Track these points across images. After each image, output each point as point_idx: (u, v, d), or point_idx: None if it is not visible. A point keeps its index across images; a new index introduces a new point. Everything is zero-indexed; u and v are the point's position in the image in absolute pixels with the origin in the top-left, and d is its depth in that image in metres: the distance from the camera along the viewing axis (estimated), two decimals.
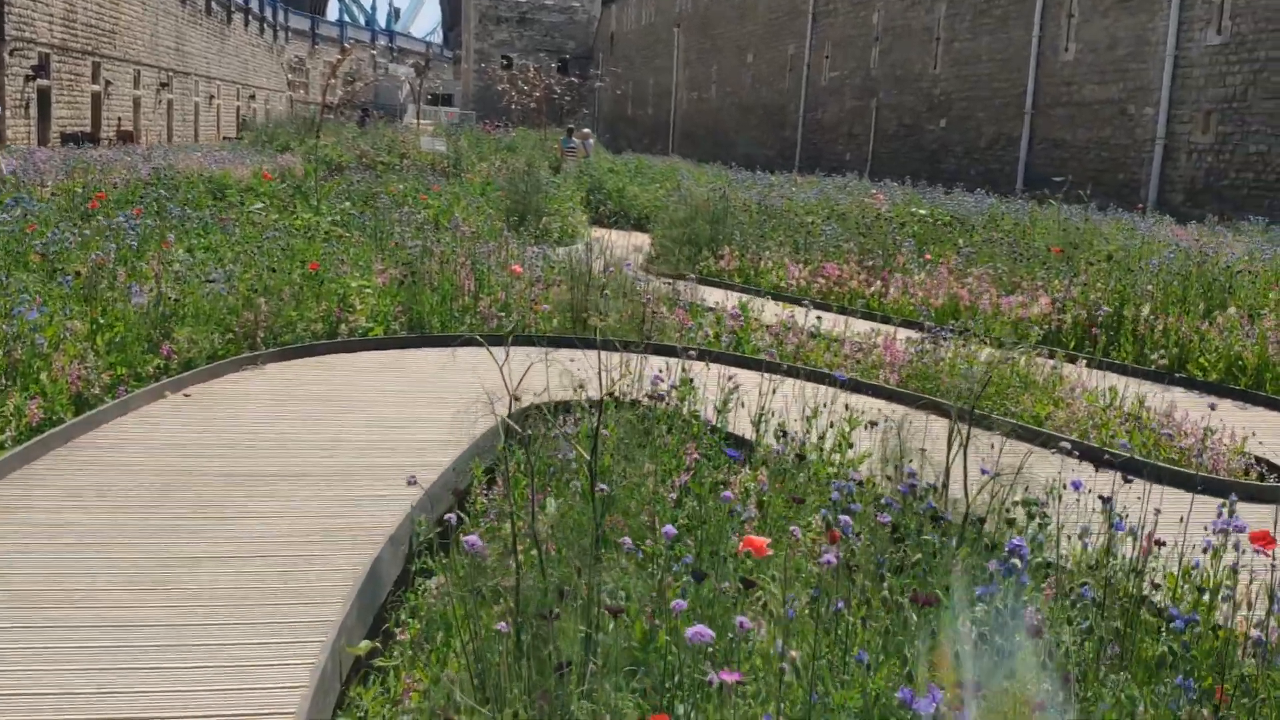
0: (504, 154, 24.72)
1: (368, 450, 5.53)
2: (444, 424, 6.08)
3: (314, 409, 6.22)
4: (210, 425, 5.74)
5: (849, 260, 11.63)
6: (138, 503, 4.67)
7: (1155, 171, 25.97)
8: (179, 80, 54.40)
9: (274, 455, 5.35)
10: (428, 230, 10.89)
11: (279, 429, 5.80)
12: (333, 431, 5.82)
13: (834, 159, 43.89)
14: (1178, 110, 25.41)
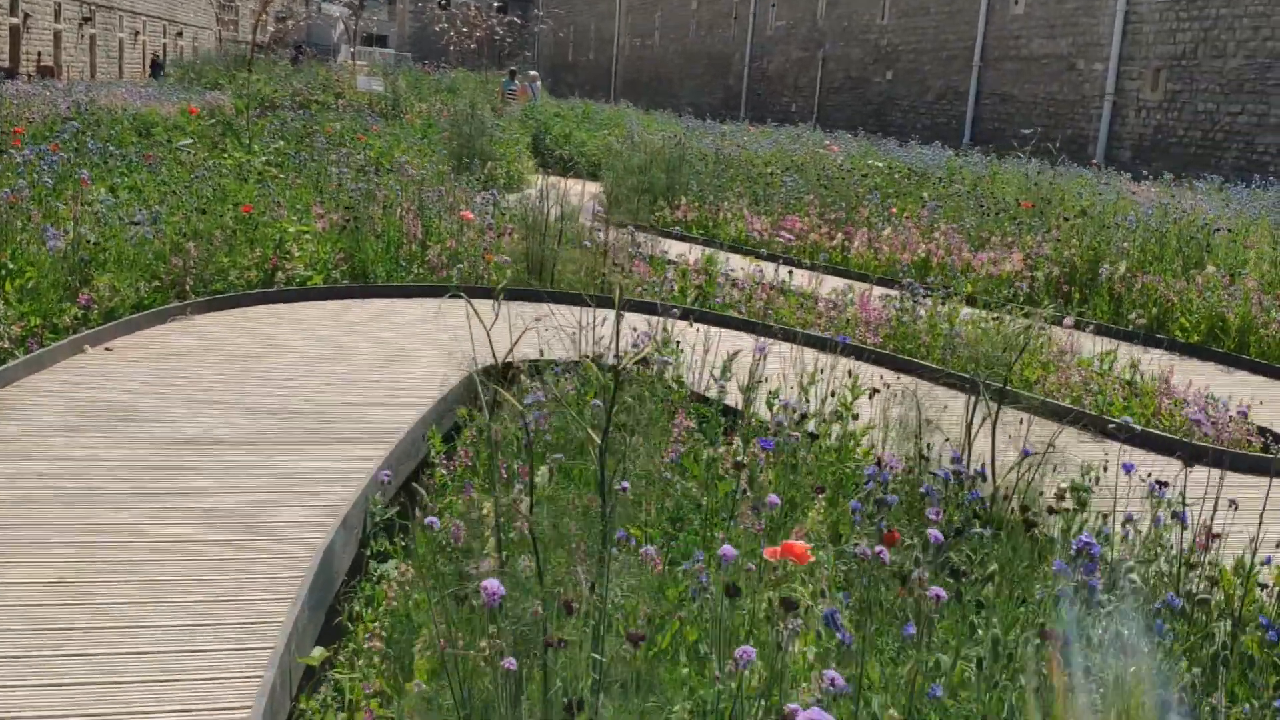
0: (444, 95, 23.86)
1: (315, 413, 5.00)
2: (399, 384, 5.56)
3: (252, 366, 5.65)
4: (135, 384, 5.15)
5: (810, 213, 11.21)
6: (51, 476, 4.09)
7: (1104, 128, 25.87)
8: (103, 15, 52.15)
9: (209, 420, 4.79)
10: (369, 173, 10.25)
11: (215, 389, 5.23)
12: (275, 392, 5.26)
13: (780, 110, 43.38)
14: (1127, 66, 25.29)
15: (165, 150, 10.47)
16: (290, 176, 10.09)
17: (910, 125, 33.92)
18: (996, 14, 29.90)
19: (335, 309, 6.95)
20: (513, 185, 16.14)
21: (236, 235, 6.86)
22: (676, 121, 24.53)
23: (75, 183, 7.34)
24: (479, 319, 2.85)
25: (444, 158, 15.27)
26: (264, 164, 9.75)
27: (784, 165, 13.63)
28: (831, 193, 11.54)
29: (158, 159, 8.76)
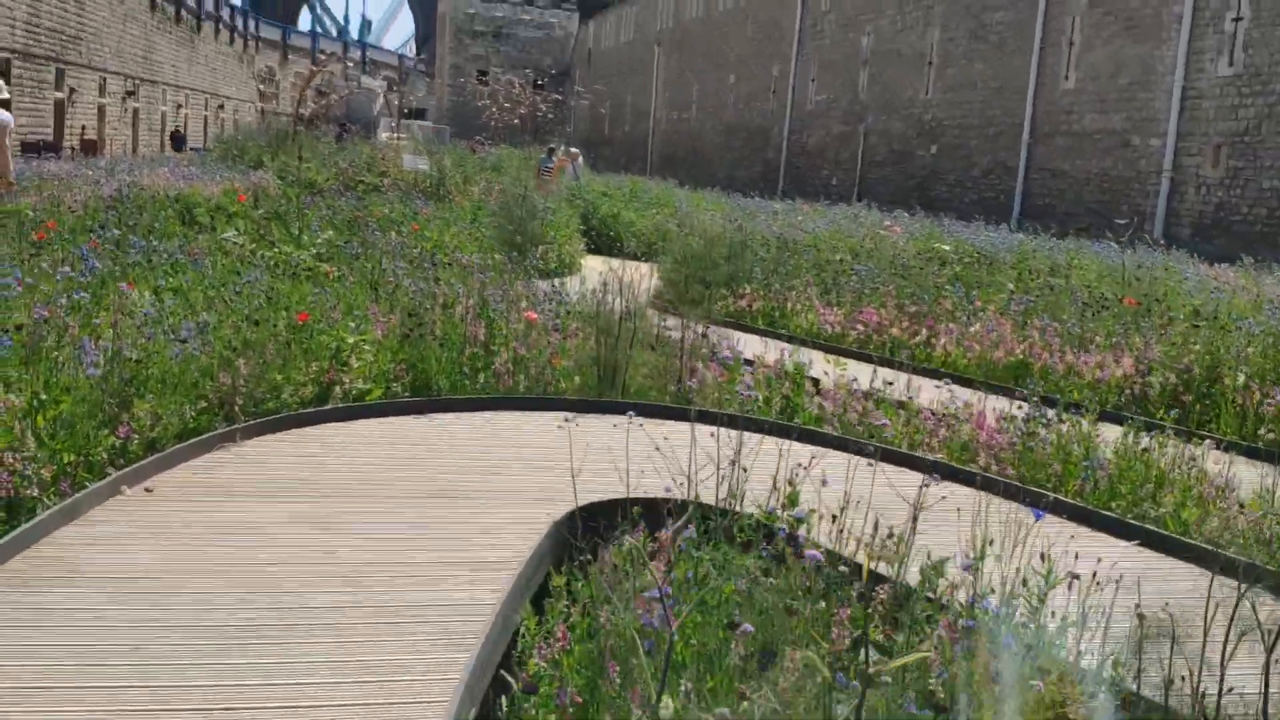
0: (489, 174, 23.55)
1: (382, 578, 4.30)
2: (476, 531, 4.88)
3: (307, 508, 5.00)
4: (178, 541, 4.49)
5: (887, 304, 10.55)
6: (87, 677, 3.41)
7: (1161, 204, 25.19)
8: (146, 88, 52.87)
9: (258, 590, 4.09)
10: (424, 265, 9.71)
11: (264, 543, 4.57)
12: (333, 545, 4.60)
13: (819, 183, 43.02)
14: (1185, 142, 24.66)
15: (210, 240, 9.98)
16: (342, 271, 9.56)
17: (956, 200, 33.38)
18: (1046, 89, 29.44)
19: (397, 428, 6.32)
20: (564, 270, 15.62)
21: (291, 347, 6.27)
22: (724, 200, 24.06)
23: (115, 285, 6.80)
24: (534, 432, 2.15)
25: (494, 243, 14.78)
26: (313, 257, 9.23)
27: (852, 251, 13.01)
28: (909, 283, 10.89)
29: (203, 253, 8.24)
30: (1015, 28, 30.94)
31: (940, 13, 35.03)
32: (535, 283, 10.82)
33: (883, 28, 38.93)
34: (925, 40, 35.88)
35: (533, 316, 7.92)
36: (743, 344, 9.75)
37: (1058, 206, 28.82)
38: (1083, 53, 28.01)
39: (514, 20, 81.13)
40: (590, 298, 9.78)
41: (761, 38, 50.40)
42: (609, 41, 76.42)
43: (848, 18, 41.75)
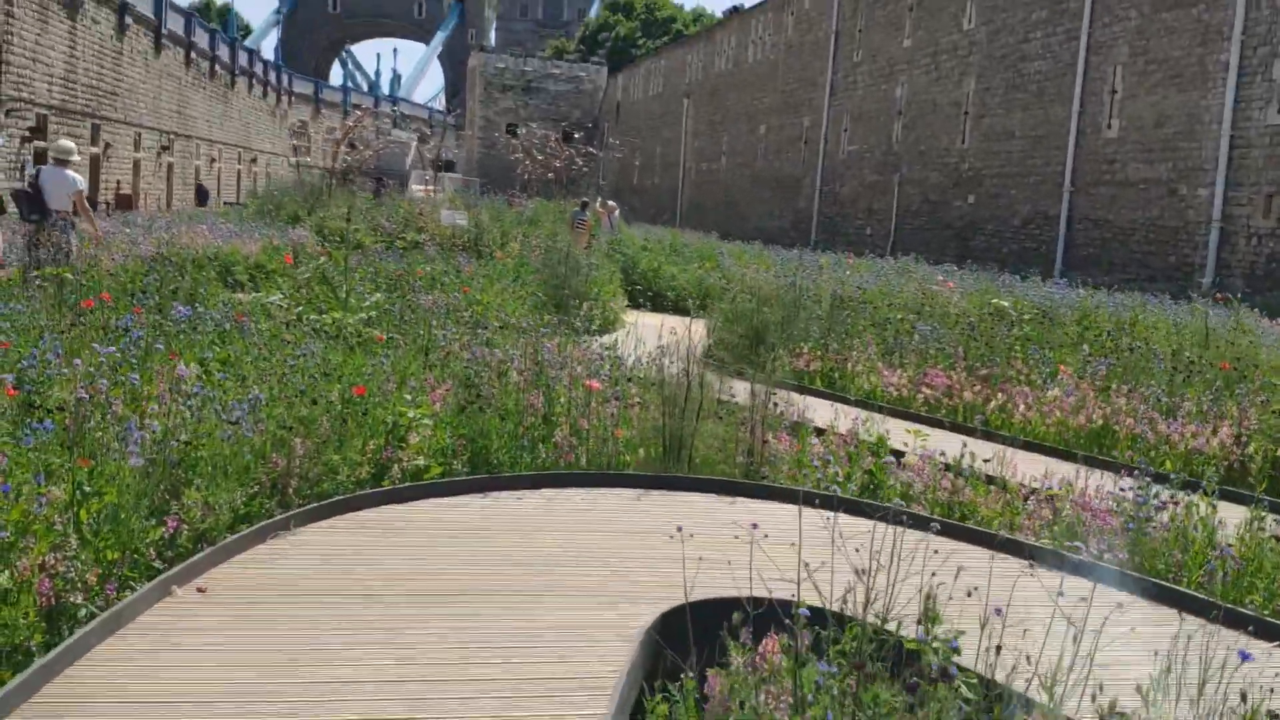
0: (525, 227, 23.32)
1: (452, 704, 3.85)
2: (561, 637, 4.43)
3: (367, 612, 4.57)
4: (235, 653, 4.07)
5: (956, 366, 10.09)
6: None
7: (1211, 255, 24.65)
8: (180, 143, 53.37)
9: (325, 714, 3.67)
10: (475, 327, 9.34)
11: (323, 658, 4.13)
12: (397, 654, 4.16)
13: (852, 233, 42.70)
14: (1235, 192, 24.16)
15: (254, 302, 9.66)
16: (390, 332, 9.21)
17: (996, 250, 32.93)
18: (1088, 138, 29.04)
19: (458, 510, 5.89)
20: (609, 326, 15.26)
21: (348, 423, 5.87)
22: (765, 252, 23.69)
23: (164, 356, 6.45)
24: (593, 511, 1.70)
25: (538, 300, 14.45)
26: (362, 322, 8.89)
27: (913, 309, 12.56)
28: (979, 342, 10.42)
29: (249, 321, 7.90)
30: (1054, 77, 30.64)
31: (976, 63, 34.81)
32: (586, 342, 10.44)
33: (917, 78, 38.76)
34: (961, 90, 35.64)
35: (594, 385, 7.51)
36: (806, 408, 9.27)
37: (1102, 257, 28.32)
38: (1125, 101, 27.63)
39: (543, 74, 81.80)
40: (648, 362, 9.38)
41: (792, 89, 50.39)
42: (638, 94, 76.82)
43: (881, 69, 41.63)
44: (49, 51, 35.14)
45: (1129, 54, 27.58)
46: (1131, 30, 27.42)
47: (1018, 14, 32.62)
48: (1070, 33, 29.84)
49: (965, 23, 35.64)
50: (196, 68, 55.87)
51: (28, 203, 11.99)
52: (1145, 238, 26.86)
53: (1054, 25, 30.83)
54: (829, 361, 11.06)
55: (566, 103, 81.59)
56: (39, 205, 11.96)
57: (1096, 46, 28.78)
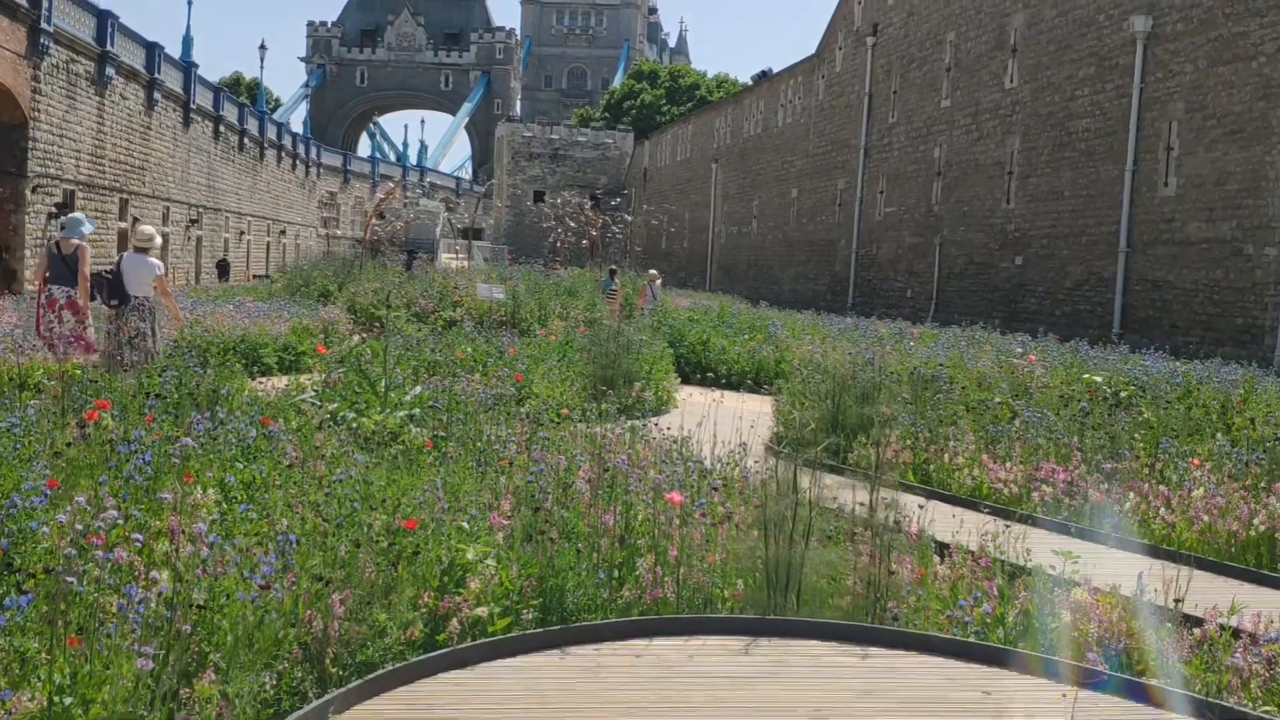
0: (564, 298, 22.38)
1: None
2: None
3: None
4: None
5: (1073, 458, 8.93)
6: None
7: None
8: (209, 216, 53.18)
9: None
10: (534, 429, 8.27)
11: None
12: None
13: (892, 296, 41.63)
14: None
15: (284, 399, 8.65)
16: (436, 430, 8.16)
17: (1047, 314, 31.74)
18: (1143, 196, 27.95)
19: (530, 677, 4.77)
20: (662, 407, 14.18)
21: (397, 567, 4.77)
22: (817, 321, 22.59)
23: (178, 476, 5.41)
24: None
25: (585, 380, 13.40)
26: (403, 421, 7.85)
27: (1012, 390, 11.41)
28: (1099, 432, 9.25)
29: (278, 428, 6.84)
30: (1104, 135, 29.64)
31: (1020, 122, 33.91)
32: (644, 429, 9.35)
33: (956, 139, 37.89)
34: (1004, 149, 34.70)
35: (676, 499, 6.39)
36: (911, 511, 8.09)
37: (1163, 319, 27.07)
38: (1183, 158, 26.56)
39: (570, 142, 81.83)
40: (725, 457, 8.29)
41: (825, 151, 49.70)
42: (665, 159, 76.55)
43: (918, 130, 40.83)
44: (76, 127, 34.85)
45: (1185, 110, 26.57)
46: (1187, 85, 26.43)
47: (1063, 71, 31.75)
48: (1120, 89, 28.89)
49: (1007, 81, 34.81)
50: (225, 141, 55.91)
51: (108, 289, 12.13)
52: (1209, 299, 25.61)
53: (1102, 82, 29.91)
54: (921, 452, 9.91)
55: (593, 169, 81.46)
56: (119, 291, 12.09)
57: (1149, 103, 27.80)
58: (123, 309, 12.16)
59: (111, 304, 12.22)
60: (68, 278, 12.01)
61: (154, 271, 12.43)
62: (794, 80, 54.39)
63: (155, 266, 12.51)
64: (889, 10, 43.92)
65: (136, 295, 12.22)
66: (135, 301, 12.21)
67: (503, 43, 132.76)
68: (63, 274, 12.04)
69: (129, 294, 12.17)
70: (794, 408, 11.49)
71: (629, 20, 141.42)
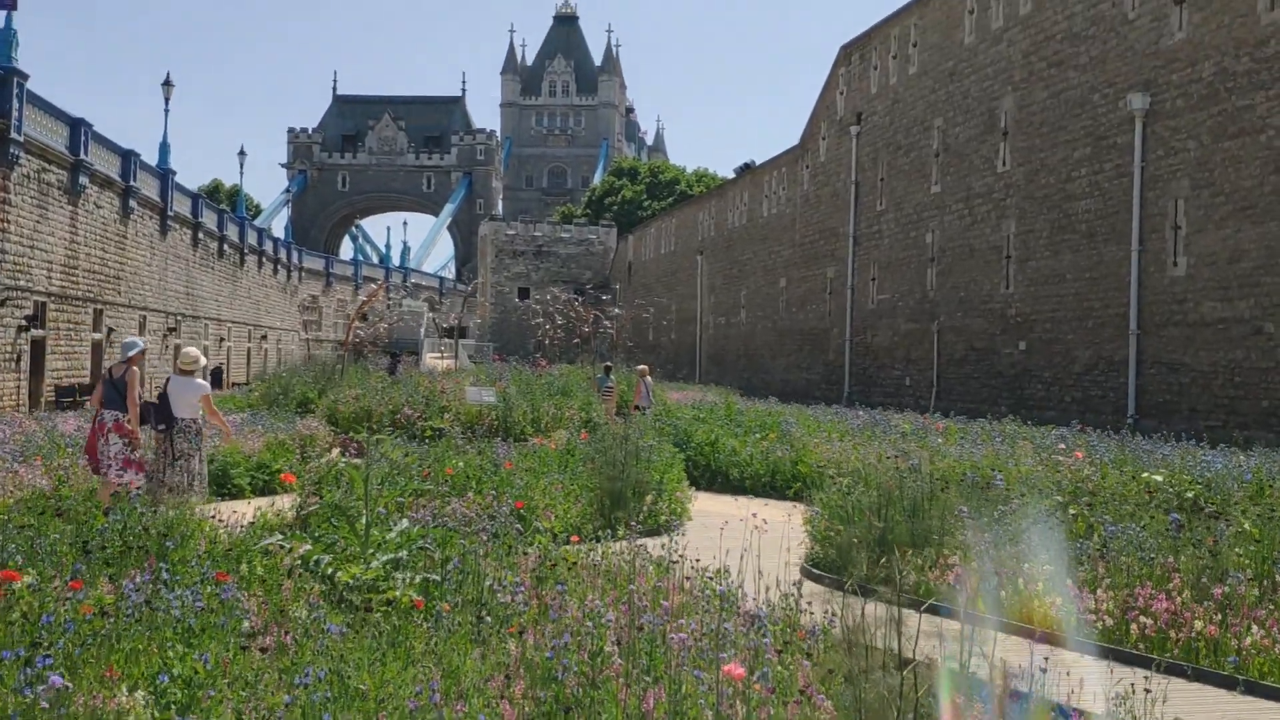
0: (557, 399, 21.11)
1: None
2: None
3: None
4: None
5: (1173, 582, 7.63)
6: None
7: None
8: (188, 324, 52.01)
9: None
10: (545, 574, 6.94)
11: None
12: None
13: (890, 384, 40.56)
14: None
15: (250, 538, 7.32)
16: (420, 567, 6.84)
17: (1055, 400, 30.64)
18: (1151, 277, 27.06)
19: None
20: (675, 520, 12.84)
21: None
22: (832, 417, 21.33)
23: (100, 673, 4.08)
24: None
25: (590, 495, 12.08)
26: (387, 569, 6.52)
27: (1071, 493, 10.14)
28: (1199, 548, 7.96)
29: (233, 586, 5.52)
30: (1106, 215, 28.89)
31: (1015, 205, 33.22)
32: (667, 556, 8.03)
33: (949, 224, 37.21)
34: (1000, 233, 33.95)
35: (737, 674, 5.06)
36: (993, 652, 6.74)
37: (1181, 403, 25.97)
38: (1192, 236, 25.74)
39: (553, 238, 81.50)
40: (782, 603, 6.98)
41: (812, 240, 49.09)
42: (649, 253, 76.10)
43: (908, 217, 40.20)
44: (48, 238, 33.79)
45: (1190, 187, 25.83)
46: (1191, 162, 25.74)
47: (1058, 153, 31.14)
48: (1120, 169, 28.22)
49: (999, 165, 34.22)
50: (204, 247, 55.04)
51: (155, 413, 12.38)
52: (1229, 381, 24.54)
53: (1100, 161, 29.26)
54: (984, 575, 8.59)
55: (577, 265, 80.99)
56: (165, 414, 12.32)
57: (1152, 181, 27.09)
58: (169, 432, 12.32)
59: (159, 428, 12.39)
60: (118, 402, 12.21)
61: (200, 392, 12.66)
62: (778, 171, 54.06)
63: (201, 387, 12.80)
64: (873, 99, 43.65)
65: (183, 417, 12.36)
66: (182, 424, 12.34)
67: (484, 144, 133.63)
68: (113, 398, 12.25)
69: (175, 416, 12.33)
70: (831, 522, 10.18)
71: (607, 119, 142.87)
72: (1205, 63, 25.16)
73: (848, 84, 45.93)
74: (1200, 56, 25.36)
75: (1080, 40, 30.22)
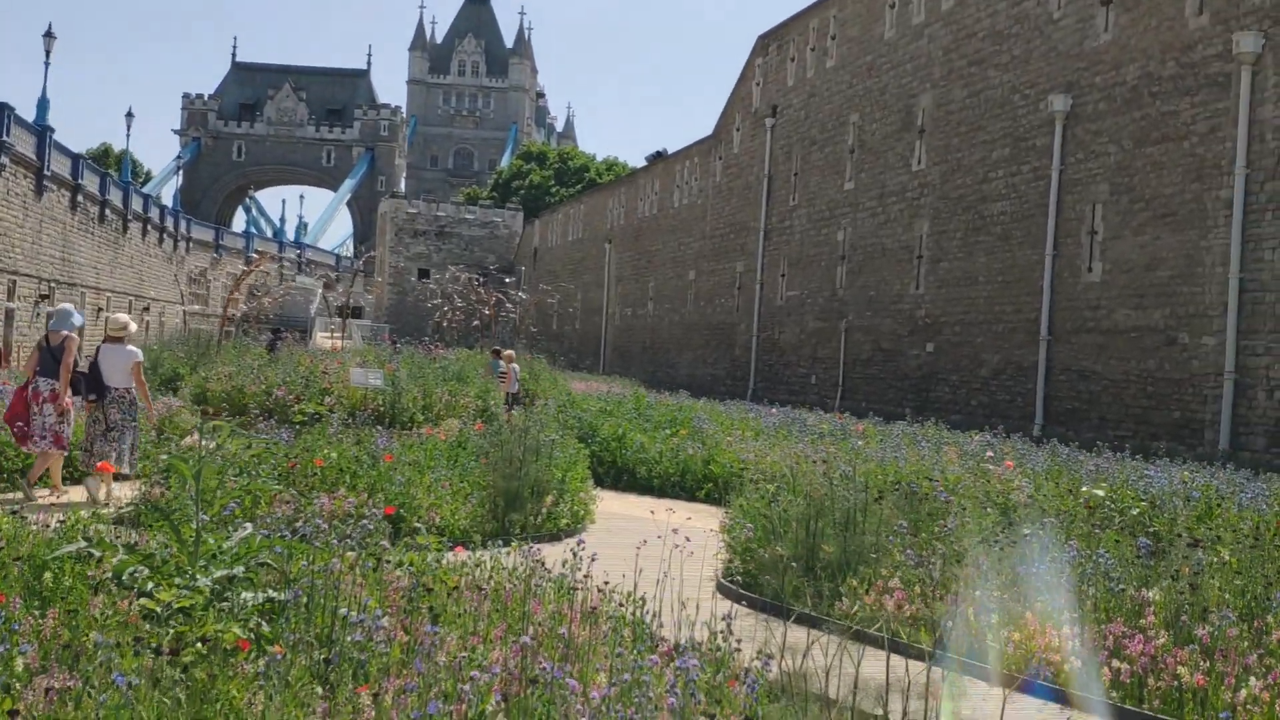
0: (452, 384, 19.66)
1: None
2: None
3: None
4: None
5: (1146, 617, 6.64)
6: None
7: (1225, 411, 21.97)
8: (63, 291, 48.95)
9: None
10: (416, 601, 5.62)
11: None
12: None
13: (795, 382, 39.87)
14: (1249, 340, 21.66)
15: (42, 554, 5.86)
16: (260, 585, 5.48)
17: (962, 404, 30.17)
18: (1065, 282, 26.65)
19: None
20: (577, 524, 11.57)
21: None
22: (748, 414, 20.22)
23: None
24: None
25: (482, 494, 10.74)
26: (217, 585, 5.14)
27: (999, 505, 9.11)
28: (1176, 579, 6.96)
29: (18, 604, 4.10)
30: (1021, 219, 28.43)
31: (929, 205, 32.67)
32: (571, 574, 6.79)
33: (861, 222, 36.58)
34: (912, 233, 33.40)
35: None
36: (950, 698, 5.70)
37: (1090, 412, 25.60)
38: (1108, 243, 25.35)
39: (457, 219, 79.42)
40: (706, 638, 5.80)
41: (723, 233, 48.21)
42: (556, 239, 74.56)
43: (820, 213, 39.51)
44: None
45: (1110, 192, 25.44)
46: (1111, 166, 25.34)
47: (975, 154, 30.64)
48: (1038, 171, 27.77)
49: (914, 163, 33.66)
50: (84, 211, 51.94)
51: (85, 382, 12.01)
52: (1141, 391, 24.19)
53: (1017, 164, 28.80)
54: (928, 600, 7.52)
55: (481, 248, 79.05)
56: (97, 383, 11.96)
57: (1070, 185, 26.67)
58: (101, 402, 11.89)
59: (90, 398, 11.97)
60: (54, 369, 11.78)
61: (131, 359, 12.15)
62: (690, 161, 53.07)
63: (132, 354, 12.25)
64: (789, 91, 42.87)
65: (115, 387, 11.91)
66: (115, 393, 11.89)
67: (388, 120, 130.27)
68: (50, 367, 11.82)
69: (106, 385, 11.88)
70: (754, 534, 9.03)
71: (517, 103, 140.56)
72: (1130, 66, 24.75)
73: (764, 75, 45.10)
74: (1125, 59, 24.95)
75: (1003, 39, 29.73)
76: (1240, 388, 21.80)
